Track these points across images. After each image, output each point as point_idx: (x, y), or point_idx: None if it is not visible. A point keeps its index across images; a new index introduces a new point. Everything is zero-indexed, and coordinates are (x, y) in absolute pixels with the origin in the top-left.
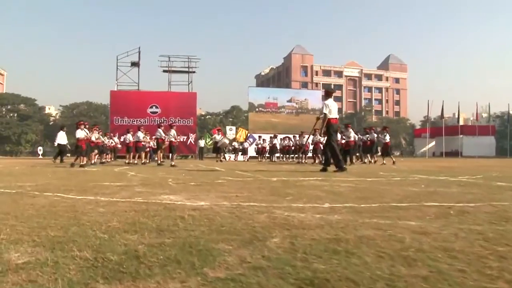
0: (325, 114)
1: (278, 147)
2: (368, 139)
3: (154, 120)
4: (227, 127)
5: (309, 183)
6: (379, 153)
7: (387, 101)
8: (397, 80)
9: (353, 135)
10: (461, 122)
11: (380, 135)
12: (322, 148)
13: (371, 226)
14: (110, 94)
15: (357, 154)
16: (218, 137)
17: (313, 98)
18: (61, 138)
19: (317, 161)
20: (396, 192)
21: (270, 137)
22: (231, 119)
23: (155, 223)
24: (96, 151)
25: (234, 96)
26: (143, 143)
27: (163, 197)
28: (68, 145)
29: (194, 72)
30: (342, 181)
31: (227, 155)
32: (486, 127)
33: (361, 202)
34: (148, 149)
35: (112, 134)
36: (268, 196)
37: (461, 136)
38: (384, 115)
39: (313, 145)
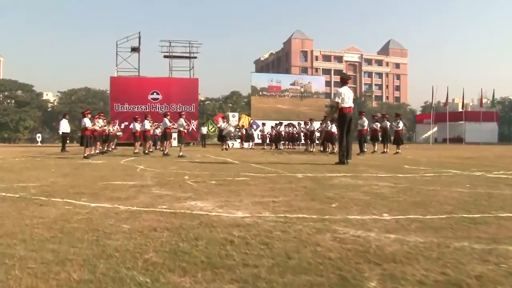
0: (337, 102)
1: (284, 135)
2: (379, 126)
3: (155, 106)
4: (230, 114)
5: (341, 181)
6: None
7: (387, 86)
8: (397, 66)
9: (366, 124)
10: (460, 108)
11: (393, 123)
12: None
13: (471, 256)
14: (110, 80)
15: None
16: (223, 124)
17: (316, 83)
18: (65, 126)
19: (328, 150)
20: (448, 196)
21: (276, 124)
22: (230, 105)
23: (202, 252)
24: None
25: (233, 81)
26: (151, 131)
27: (190, 204)
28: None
29: (195, 57)
30: (375, 178)
31: (230, 142)
32: (490, 113)
33: (422, 211)
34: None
35: (114, 122)
36: (308, 201)
37: (464, 122)
38: (384, 100)
39: (323, 134)
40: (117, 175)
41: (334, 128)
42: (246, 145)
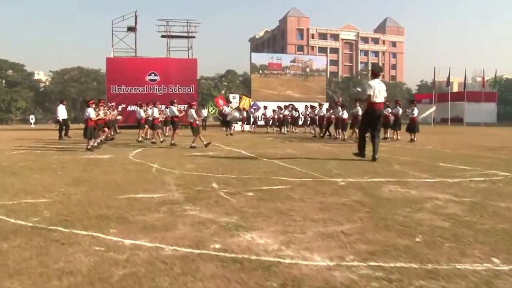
0: (369, 95)
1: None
2: (390, 112)
3: (153, 88)
4: (230, 95)
5: (393, 192)
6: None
7: (383, 65)
8: (393, 44)
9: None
10: (456, 87)
11: (407, 109)
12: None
13: None
14: (106, 61)
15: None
16: (227, 109)
17: (317, 62)
18: (63, 112)
19: (339, 137)
20: None
21: (278, 107)
22: (226, 83)
23: None
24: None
25: (228, 60)
26: (160, 119)
27: (247, 240)
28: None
29: (193, 37)
30: (426, 186)
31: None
32: (491, 94)
33: None
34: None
35: (112, 106)
36: (383, 231)
37: (464, 102)
38: (380, 79)
39: (330, 119)
40: (134, 180)
41: (345, 115)
42: (247, 127)
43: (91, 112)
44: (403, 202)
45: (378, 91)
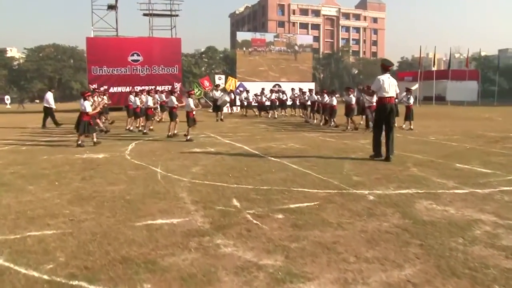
0: (373, 91)
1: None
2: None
3: (136, 68)
4: (216, 76)
5: (431, 211)
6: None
7: (364, 41)
8: (375, 20)
9: (354, 99)
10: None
11: (403, 98)
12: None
13: None
14: (86, 41)
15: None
16: (217, 93)
17: (301, 38)
18: (53, 100)
19: (332, 124)
20: None
21: (262, 89)
22: (206, 60)
23: None
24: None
25: (208, 35)
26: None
27: None
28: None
29: (177, 15)
30: (459, 201)
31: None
32: (474, 72)
33: None
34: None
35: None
36: (452, 277)
37: (447, 81)
38: (361, 55)
39: (317, 104)
40: (143, 193)
41: (334, 101)
42: (234, 109)
43: (87, 106)
44: (449, 228)
45: (388, 85)
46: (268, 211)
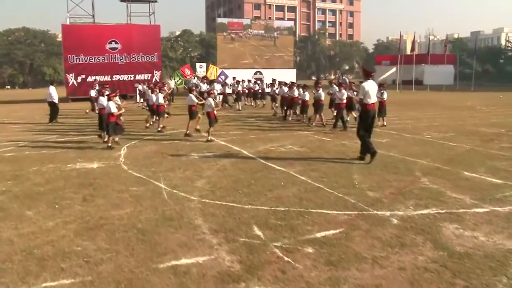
0: (360, 99)
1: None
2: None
3: (114, 57)
4: (197, 64)
5: (461, 241)
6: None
7: (340, 23)
8: (351, 2)
9: (323, 94)
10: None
11: (377, 93)
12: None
13: None
14: (61, 28)
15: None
16: (204, 86)
17: (278, 22)
18: (56, 94)
19: (304, 121)
20: None
21: (234, 79)
22: (182, 44)
23: None
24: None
25: (183, 18)
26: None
27: None
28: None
29: (155, 1)
30: (485, 223)
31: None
32: (451, 56)
33: None
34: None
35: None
36: None
37: (424, 65)
38: (337, 38)
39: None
40: (154, 220)
41: (307, 96)
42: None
43: (112, 106)
44: (488, 263)
45: (372, 91)
46: (296, 243)
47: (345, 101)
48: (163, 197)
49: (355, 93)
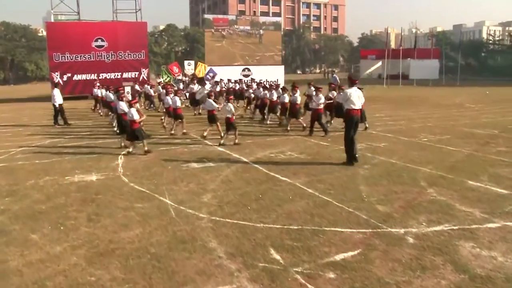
0: (340, 103)
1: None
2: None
3: (100, 55)
4: (186, 62)
5: (479, 262)
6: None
7: (325, 17)
8: None
9: (299, 98)
10: (392, 39)
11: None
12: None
13: None
14: (46, 26)
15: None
16: (195, 87)
17: (264, 17)
18: (60, 97)
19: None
20: None
21: (228, 79)
22: (166, 38)
23: None
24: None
25: (167, 12)
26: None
27: None
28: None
29: None
30: (500, 241)
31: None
32: (437, 50)
33: None
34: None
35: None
36: None
37: (410, 59)
38: (322, 31)
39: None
40: (166, 242)
41: (286, 98)
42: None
43: (134, 114)
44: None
45: (356, 97)
46: (316, 267)
47: (322, 106)
48: (171, 215)
49: (334, 92)
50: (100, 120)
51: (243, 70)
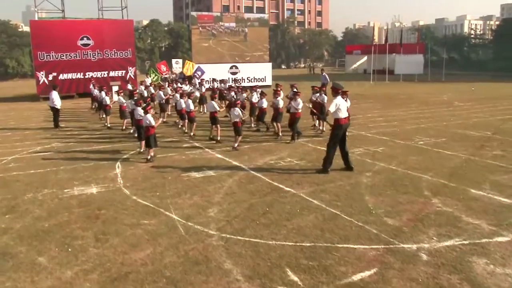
0: (329, 111)
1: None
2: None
3: (86, 53)
4: (173, 60)
5: (495, 281)
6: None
7: (309, 12)
8: None
9: (282, 102)
10: (376, 33)
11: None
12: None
13: None
14: (30, 25)
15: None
16: (186, 87)
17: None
18: (59, 100)
19: (260, 128)
20: None
21: (213, 79)
22: (150, 34)
23: None
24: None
25: (150, 7)
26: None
27: None
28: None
29: None
30: None
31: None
32: (422, 45)
33: None
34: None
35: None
36: None
37: (395, 54)
38: (306, 26)
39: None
40: (181, 264)
41: (264, 103)
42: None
43: (151, 120)
44: None
45: (344, 107)
46: None
47: (300, 110)
48: (180, 232)
49: (325, 97)
50: (93, 121)
51: (231, 67)
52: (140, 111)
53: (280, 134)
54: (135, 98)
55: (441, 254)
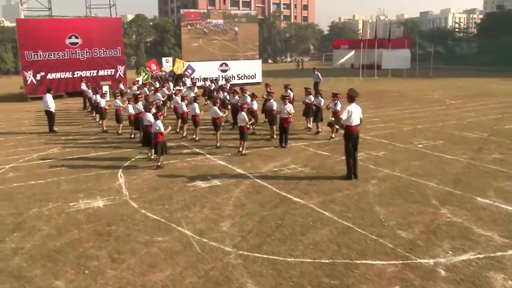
0: (341, 118)
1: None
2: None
3: (75, 52)
4: (164, 59)
5: None
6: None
7: (295, 5)
8: None
9: (275, 104)
10: (360, 26)
11: (330, 104)
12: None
13: None
14: (16, 23)
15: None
16: (184, 89)
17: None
18: (52, 103)
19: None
20: None
21: (204, 78)
22: (135, 29)
23: None
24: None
25: (135, 1)
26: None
27: None
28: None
29: None
30: None
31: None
32: (409, 40)
33: None
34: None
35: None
36: None
37: (383, 49)
38: (292, 20)
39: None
40: (201, 286)
41: (255, 105)
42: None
43: (160, 126)
44: None
45: (356, 114)
46: None
47: (291, 115)
48: (196, 249)
49: (322, 100)
50: (87, 124)
51: (221, 65)
52: (150, 116)
53: (275, 136)
54: (144, 103)
55: (458, 269)
